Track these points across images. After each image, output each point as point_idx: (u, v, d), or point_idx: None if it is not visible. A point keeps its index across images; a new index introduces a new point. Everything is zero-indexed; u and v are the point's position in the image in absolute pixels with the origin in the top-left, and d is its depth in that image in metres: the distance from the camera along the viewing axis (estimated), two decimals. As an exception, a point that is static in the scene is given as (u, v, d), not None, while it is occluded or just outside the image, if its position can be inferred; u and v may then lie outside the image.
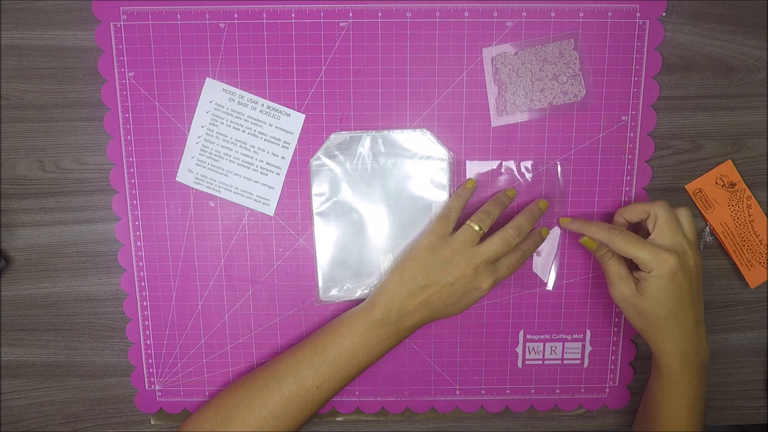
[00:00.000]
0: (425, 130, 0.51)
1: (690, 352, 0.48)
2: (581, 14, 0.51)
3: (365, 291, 0.54)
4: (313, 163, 0.52)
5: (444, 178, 0.52)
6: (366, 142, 0.51)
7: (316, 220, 0.53)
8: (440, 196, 0.52)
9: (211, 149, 0.52)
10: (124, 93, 0.51)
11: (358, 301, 0.52)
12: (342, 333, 0.49)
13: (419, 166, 0.52)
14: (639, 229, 0.52)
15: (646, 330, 0.49)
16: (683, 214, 0.48)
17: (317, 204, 0.53)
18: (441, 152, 0.52)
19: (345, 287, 0.54)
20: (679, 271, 0.45)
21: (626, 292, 0.48)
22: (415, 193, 0.52)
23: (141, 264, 0.54)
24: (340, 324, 0.49)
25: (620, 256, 0.49)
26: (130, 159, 0.52)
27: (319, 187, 0.53)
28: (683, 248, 0.47)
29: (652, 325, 0.48)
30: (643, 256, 0.46)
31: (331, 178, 0.52)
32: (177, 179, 0.53)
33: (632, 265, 0.49)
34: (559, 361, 0.56)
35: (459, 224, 0.50)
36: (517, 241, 0.49)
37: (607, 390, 0.57)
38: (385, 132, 0.51)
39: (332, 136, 0.52)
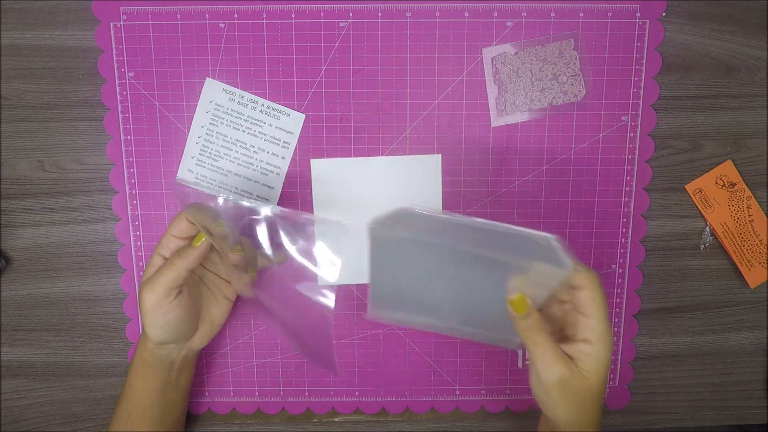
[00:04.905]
0: (553, 237, 0.38)
1: None
2: (581, 14, 0.51)
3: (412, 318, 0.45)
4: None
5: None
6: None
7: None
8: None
9: (211, 149, 0.52)
10: (124, 93, 0.51)
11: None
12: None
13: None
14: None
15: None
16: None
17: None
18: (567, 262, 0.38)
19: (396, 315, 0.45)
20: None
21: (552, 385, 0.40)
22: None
23: (141, 264, 0.54)
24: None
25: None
26: (130, 159, 0.52)
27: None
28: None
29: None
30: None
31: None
32: (177, 179, 0.53)
33: None
34: (559, 361, 0.56)
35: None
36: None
37: (607, 390, 0.57)
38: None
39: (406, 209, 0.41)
